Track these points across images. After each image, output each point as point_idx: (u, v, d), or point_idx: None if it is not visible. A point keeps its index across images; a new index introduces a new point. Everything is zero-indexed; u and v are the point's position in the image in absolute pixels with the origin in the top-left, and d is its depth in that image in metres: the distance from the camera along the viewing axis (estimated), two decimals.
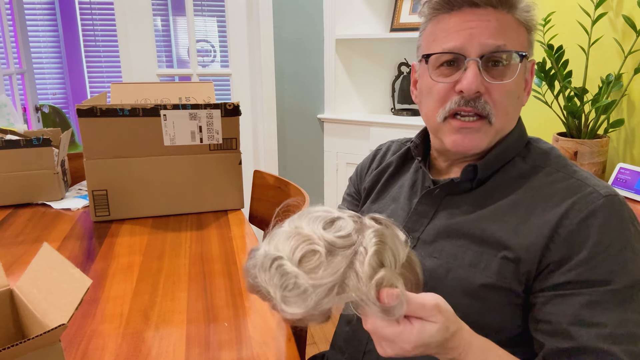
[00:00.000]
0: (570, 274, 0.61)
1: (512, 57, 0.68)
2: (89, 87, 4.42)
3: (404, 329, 0.49)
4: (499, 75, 0.68)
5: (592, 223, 0.61)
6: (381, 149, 0.92)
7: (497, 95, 0.68)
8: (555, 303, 0.62)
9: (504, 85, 0.68)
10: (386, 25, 2.47)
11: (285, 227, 0.51)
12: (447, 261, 0.69)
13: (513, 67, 0.68)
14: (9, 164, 1.28)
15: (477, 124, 0.69)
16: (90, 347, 0.70)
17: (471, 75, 0.66)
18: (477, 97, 0.68)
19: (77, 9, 4.23)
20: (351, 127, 2.42)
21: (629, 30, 1.48)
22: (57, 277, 0.54)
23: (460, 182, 0.72)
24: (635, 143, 1.55)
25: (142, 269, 0.95)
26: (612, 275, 0.59)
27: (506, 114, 0.69)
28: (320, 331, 2.12)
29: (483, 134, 0.69)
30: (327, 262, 0.47)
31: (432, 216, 0.74)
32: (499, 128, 0.70)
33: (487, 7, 0.67)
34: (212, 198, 1.27)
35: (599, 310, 0.59)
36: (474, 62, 0.67)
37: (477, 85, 0.66)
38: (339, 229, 0.49)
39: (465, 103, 0.68)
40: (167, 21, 4.25)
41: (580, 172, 0.68)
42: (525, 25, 0.70)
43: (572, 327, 0.60)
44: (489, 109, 0.68)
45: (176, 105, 1.17)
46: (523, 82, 0.72)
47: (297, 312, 0.47)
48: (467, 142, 0.70)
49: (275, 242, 0.50)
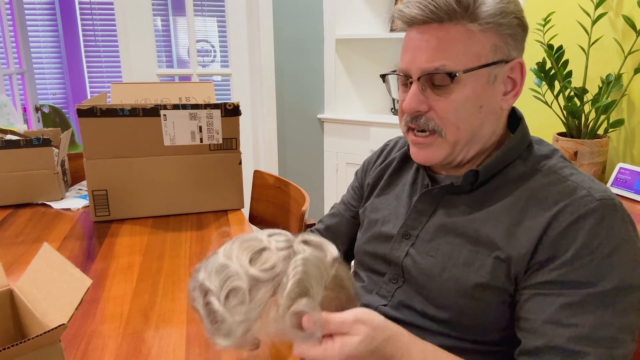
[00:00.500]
0: (553, 273, 0.61)
1: (454, 75, 0.66)
2: (89, 87, 4.42)
3: (327, 347, 0.53)
4: (445, 92, 0.68)
5: (581, 226, 0.61)
6: (389, 145, 0.93)
7: (443, 111, 0.68)
8: (535, 301, 0.62)
9: (448, 102, 0.68)
10: (386, 25, 2.47)
11: (219, 256, 0.56)
12: (443, 260, 0.70)
13: (462, 82, 0.67)
14: (9, 164, 1.28)
15: (429, 139, 0.71)
16: (90, 347, 0.70)
17: (410, 95, 0.69)
18: (418, 116, 0.70)
19: (77, 9, 4.23)
20: (351, 127, 2.42)
21: (629, 30, 1.48)
22: (57, 277, 0.54)
23: (460, 185, 0.72)
24: (635, 143, 1.55)
25: (142, 269, 0.95)
26: (597, 278, 0.59)
27: (457, 127, 0.69)
28: None
29: (437, 147, 0.71)
30: (250, 297, 0.52)
31: (431, 215, 0.75)
32: (453, 141, 0.70)
33: (431, 23, 0.66)
34: (212, 198, 1.27)
35: (579, 311, 0.59)
36: (415, 83, 0.69)
37: (416, 104, 0.68)
38: (264, 261, 0.53)
39: (411, 120, 0.71)
40: (167, 21, 4.25)
41: (577, 174, 0.67)
42: (495, 30, 0.67)
43: (548, 325, 0.60)
44: (434, 125, 0.69)
45: (176, 105, 1.17)
46: (489, 90, 0.69)
47: (225, 344, 0.52)
48: (422, 155, 0.73)
49: (209, 272, 0.55)
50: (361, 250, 0.84)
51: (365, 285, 0.81)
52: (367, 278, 0.81)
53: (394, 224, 0.79)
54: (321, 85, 2.51)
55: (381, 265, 0.79)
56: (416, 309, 0.72)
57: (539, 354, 0.60)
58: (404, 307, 0.73)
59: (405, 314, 0.72)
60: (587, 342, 0.58)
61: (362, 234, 0.86)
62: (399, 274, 0.75)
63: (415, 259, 0.73)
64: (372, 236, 0.82)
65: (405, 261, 0.74)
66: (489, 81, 0.68)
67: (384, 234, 0.79)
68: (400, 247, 0.76)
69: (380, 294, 0.77)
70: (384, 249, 0.78)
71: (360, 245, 0.85)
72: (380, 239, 0.80)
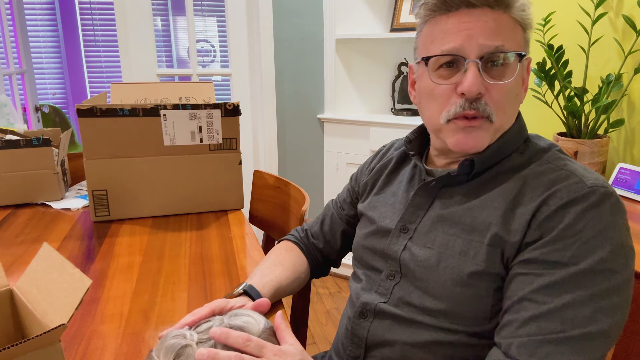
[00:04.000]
0: (535, 252, 0.62)
1: (510, 57, 0.69)
2: (89, 87, 4.42)
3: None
4: (499, 75, 0.69)
5: (569, 210, 0.61)
6: (385, 147, 0.95)
7: (497, 95, 0.69)
8: (517, 281, 0.63)
9: (503, 85, 0.69)
10: (386, 25, 2.47)
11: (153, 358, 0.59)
12: (439, 251, 0.71)
13: (512, 67, 0.69)
14: (9, 164, 1.28)
15: (479, 122, 0.69)
16: (90, 347, 0.70)
17: (472, 77, 0.67)
18: (478, 98, 0.68)
19: (77, 9, 4.23)
20: (351, 127, 2.42)
21: (629, 30, 1.48)
22: (57, 277, 0.54)
23: (457, 175, 0.72)
24: (635, 143, 1.55)
25: (142, 269, 0.95)
26: (578, 259, 0.59)
27: (504, 112, 0.70)
28: (320, 331, 2.12)
29: (484, 132, 0.70)
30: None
31: (428, 208, 0.76)
32: (499, 126, 0.71)
33: (483, 8, 0.68)
34: (212, 198, 1.27)
35: (557, 290, 0.59)
36: (473, 64, 0.67)
37: (478, 86, 0.67)
38: (186, 357, 0.58)
39: (468, 106, 0.69)
40: (167, 21, 4.25)
41: (572, 164, 0.68)
42: (521, 24, 0.70)
43: (525, 302, 0.61)
44: (489, 110, 0.69)
45: (176, 105, 1.17)
46: (521, 80, 0.73)
47: None
48: (470, 140, 0.70)
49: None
50: (360, 247, 0.84)
51: (363, 284, 0.81)
52: (365, 276, 0.82)
53: (391, 219, 0.80)
54: (321, 85, 2.51)
55: (379, 262, 0.79)
56: (415, 304, 0.72)
57: (510, 327, 0.61)
58: (404, 304, 0.73)
59: (405, 310, 0.73)
60: (558, 319, 0.58)
61: (360, 231, 0.86)
62: (396, 270, 0.76)
63: (413, 252, 0.73)
64: (370, 232, 0.82)
65: (403, 255, 0.74)
66: (521, 71, 0.71)
67: (382, 229, 0.80)
68: (398, 242, 0.76)
69: (378, 292, 0.77)
70: (382, 244, 0.79)
71: (358, 241, 0.85)
72: (378, 234, 0.81)
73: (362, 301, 0.78)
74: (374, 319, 0.75)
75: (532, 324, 0.60)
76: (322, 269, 0.99)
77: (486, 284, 0.66)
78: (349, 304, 0.84)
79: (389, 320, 0.74)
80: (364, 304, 0.77)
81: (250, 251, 1.05)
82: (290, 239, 0.98)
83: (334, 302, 2.36)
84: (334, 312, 2.27)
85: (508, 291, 0.64)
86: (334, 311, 2.28)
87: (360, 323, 0.77)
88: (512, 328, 0.61)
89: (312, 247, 0.97)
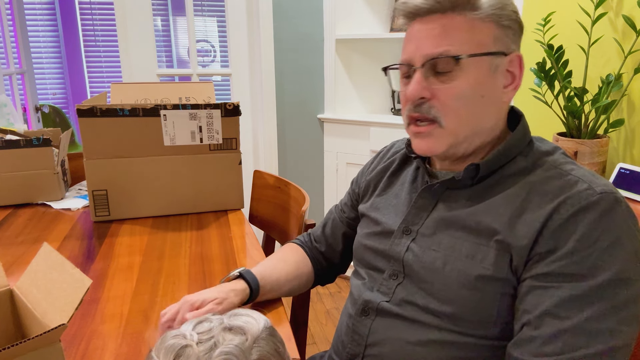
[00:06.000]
0: (552, 265, 0.62)
1: (460, 60, 0.68)
2: (89, 87, 4.42)
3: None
4: (448, 79, 0.69)
5: (582, 218, 0.61)
6: (385, 148, 0.95)
7: (445, 99, 0.69)
8: (535, 294, 0.63)
9: (451, 88, 0.69)
10: (386, 25, 2.47)
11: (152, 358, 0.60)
12: (445, 253, 0.70)
13: (465, 68, 0.68)
14: (9, 164, 1.28)
15: (428, 128, 0.71)
16: (90, 347, 0.70)
17: (413, 82, 0.70)
18: (421, 103, 0.70)
19: (77, 9, 4.23)
20: (351, 127, 2.42)
21: (629, 30, 1.48)
22: (57, 277, 0.54)
23: (461, 179, 0.72)
24: (635, 143, 1.55)
25: (142, 269, 0.95)
26: (596, 271, 0.60)
27: (458, 115, 0.70)
28: (320, 331, 2.12)
29: (435, 138, 0.72)
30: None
31: (431, 210, 0.76)
32: (452, 129, 0.71)
33: (434, 14, 0.69)
34: (212, 198, 1.27)
35: (578, 304, 0.59)
36: (418, 70, 0.70)
37: (419, 91, 0.69)
38: (186, 357, 0.57)
39: (413, 109, 0.72)
40: (167, 21, 4.25)
41: (579, 169, 0.68)
42: (495, 21, 0.69)
43: (546, 317, 0.60)
44: (435, 112, 0.70)
45: (176, 105, 1.17)
46: (490, 80, 0.70)
47: None
48: (423, 145, 0.73)
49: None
50: (361, 246, 0.84)
51: (365, 282, 0.81)
52: (367, 275, 0.82)
53: (394, 220, 0.80)
54: (321, 85, 2.51)
55: (381, 262, 0.79)
56: (418, 304, 0.72)
57: (534, 343, 0.61)
58: (406, 304, 0.73)
59: (407, 310, 0.73)
60: (583, 335, 0.58)
61: (361, 230, 0.86)
62: (399, 270, 0.76)
63: (417, 254, 0.73)
64: (373, 233, 0.83)
65: (406, 256, 0.74)
66: (490, 70, 0.70)
67: (384, 230, 0.80)
68: (400, 243, 0.76)
69: (380, 291, 0.77)
70: (384, 245, 0.79)
71: (360, 240, 0.85)
72: (380, 235, 0.81)
73: (364, 299, 0.78)
74: (376, 317, 0.76)
75: (557, 341, 0.59)
76: (327, 275, 0.99)
77: (493, 288, 0.66)
78: (349, 301, 0.83)
79: (390, 319, 0.74)
80: (365, 301, 0.77)
81: (250, 251, 1.05)
82: (295, 242, 1.00)
83: (334, 302, 2.36)
84: (334, 312, 2.27)
85: (525, 303, 0.63)
86: (334, 311, 2.28)
87: (362, 321, 0.77)
88: (537, 344, 0.61)
89: (315, 251, 0.98)
